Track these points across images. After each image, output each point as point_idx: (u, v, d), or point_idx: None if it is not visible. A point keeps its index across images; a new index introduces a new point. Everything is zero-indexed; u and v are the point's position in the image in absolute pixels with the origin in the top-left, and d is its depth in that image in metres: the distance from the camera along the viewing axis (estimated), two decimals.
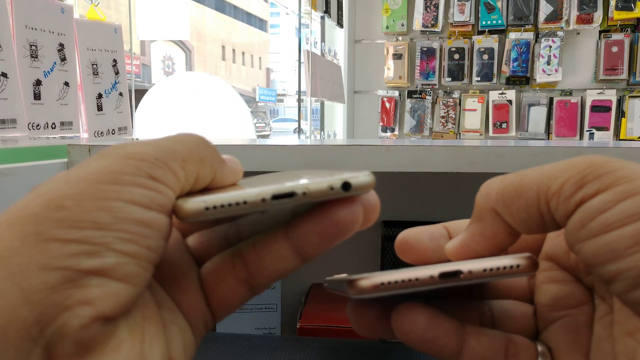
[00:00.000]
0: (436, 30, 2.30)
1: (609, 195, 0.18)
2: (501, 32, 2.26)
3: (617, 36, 2.13)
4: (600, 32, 2.17)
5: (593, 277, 0.22)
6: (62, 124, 0.78)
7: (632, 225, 0.17)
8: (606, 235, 0.17)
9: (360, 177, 0.18)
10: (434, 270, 0.19)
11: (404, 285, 0.19)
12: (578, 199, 0.18)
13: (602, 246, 0.17)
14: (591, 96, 2.19)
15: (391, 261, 0.61)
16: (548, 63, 2.18)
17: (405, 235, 0.23)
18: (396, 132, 2.44)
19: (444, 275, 0.19)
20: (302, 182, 0.18)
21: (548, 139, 2.23)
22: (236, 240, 0.22)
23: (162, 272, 0.19)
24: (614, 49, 2.13)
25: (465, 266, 0.20)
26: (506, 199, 0.20)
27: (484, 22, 2.24)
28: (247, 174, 0.22)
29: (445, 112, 2.34)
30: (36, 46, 0.73)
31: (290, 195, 0.18)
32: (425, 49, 2.33)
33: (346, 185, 0.18)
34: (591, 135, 2.19)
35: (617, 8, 2.07)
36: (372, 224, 0.20)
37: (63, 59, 0.78)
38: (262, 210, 0.18)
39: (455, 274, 0.19)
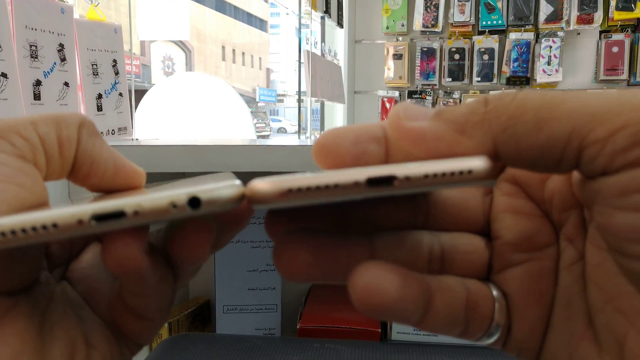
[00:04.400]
0: (436, 30, 2.29)
1: None
2: (501, 33, 2.25)
3: (617, 36, 2.13)
4: (601, 32, 2.16)
5: (567, 214, 0.18)
6: None
7: None
8: None
9: (217, 189, 0.14)
10: (360, 174, 0.15)
11: (321, 193, 0.15)
12: (631, 159, 0.14)
13: None
14: None
15: None
16: (548, 63, 2.17)
17: (325, 136, 0.17)
18: None
19: (373, 182, 0.15)
20: (139, 197, 0.14)
21: None
22: None
23: (85, 287, 0.20)
24: (615, 49, 2.12)
25: (401, 170, 0.15)
26: (519, 131, 0.15)
27: (484, 23, 2.24)
28: (247, 174, 0.21)
29: None
30: (36, 46, 0.72)
31: (117, 215, 0.14)
32: (425, 49, 2.32)
33: (194, 201, 0.14)
34: None
35: (617, 8, 2.07)
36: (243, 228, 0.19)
37: (63, 59, 0.78)
38: (85, 234, 0.15)
39: (388, 180, 0.15)
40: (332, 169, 0.17)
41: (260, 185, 0.15)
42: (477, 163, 0.15)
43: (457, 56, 2.28)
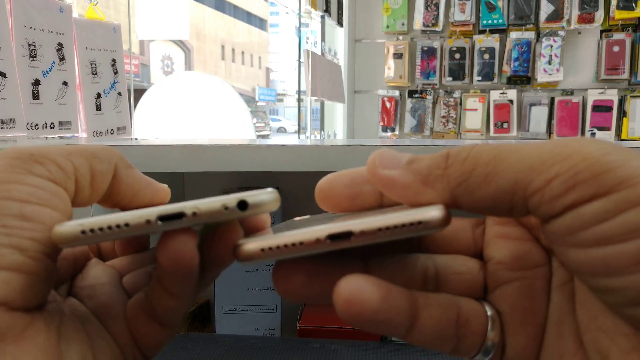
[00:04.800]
0: (437, 29, 2.29)
1: (608, 202, 0.15)
2: (502, 32, 2.25)
3: (618, 36, 2.12)
4: (602, 31, 2.16)
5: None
6: (61, 123, 0.77)
7: (635, 241, 0.14)
8: (601, 249, 0.15)
9: (260, 195, 0.17)
10: (322, 231, 0.17)
11: (289, 250, 0.17)
12: (568, 203, 0.15)
13: (595, 260, 0.15)
14: (592, 96, 2.19)
15: None
16: (549, 62, 2.17)
17: (322, 182, 0.20)
18: (396, 132, 2.44)
19: (333, 237, 0.17)
20: (195, 202, 0.17)
21: (549, 139, 2.23)
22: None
23: (96, 303, 0.21)
24: (615, 48, 2.12)
25: (358, 225, 0.17)
26: (472, 185, 0.17)
27: (484, 22, 2.24)
28: (247, 174, 0.22)
29: (446, 112, 2.34)
30: (35, 46, 0.72)
31: (178, 216, 0.17)
32: (425, 48, 2.32)
33: (242, 204, 0.17)
34: (592, 135, 2.19)
35: (618, 7, 2.07)
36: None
37: (62, 59, 0.77)
38: (150, 232, 0.17)
39: (346, 235, 0.17)
40: (333, 211, 0.20)
41: (243, 246, 0.18)
42: (430, 214, 0.17)
43: (457, 55, 2.28)
